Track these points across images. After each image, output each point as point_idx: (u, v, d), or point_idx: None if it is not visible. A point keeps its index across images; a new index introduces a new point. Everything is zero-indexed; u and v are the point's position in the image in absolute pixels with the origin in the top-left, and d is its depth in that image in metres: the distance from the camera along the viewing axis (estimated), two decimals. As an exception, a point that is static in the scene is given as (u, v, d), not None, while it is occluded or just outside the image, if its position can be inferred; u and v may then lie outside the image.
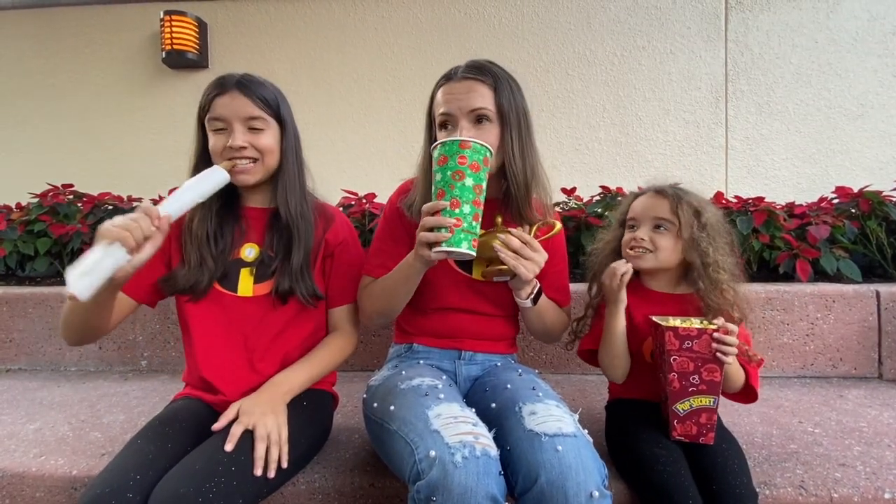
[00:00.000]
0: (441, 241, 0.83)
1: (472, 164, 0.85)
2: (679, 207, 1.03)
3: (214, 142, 0.99)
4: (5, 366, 1.81)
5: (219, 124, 0.99)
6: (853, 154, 2.66)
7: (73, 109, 2.99)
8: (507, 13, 2.80)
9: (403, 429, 0.83)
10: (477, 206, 0.86)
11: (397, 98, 2.86)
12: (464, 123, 0.97)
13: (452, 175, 0.85)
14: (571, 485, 0.72)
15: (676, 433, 0.94)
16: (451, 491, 0.70)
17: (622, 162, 2.75)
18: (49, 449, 1.12)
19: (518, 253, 0.92)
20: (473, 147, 0.85)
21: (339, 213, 1.16)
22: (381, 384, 1.00)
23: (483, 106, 0.97)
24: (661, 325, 0.93)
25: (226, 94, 0.98)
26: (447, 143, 0.86)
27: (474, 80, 0.98)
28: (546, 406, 0.87)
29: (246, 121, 0.98)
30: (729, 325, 0.91)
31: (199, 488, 0.75)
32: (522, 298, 1.01)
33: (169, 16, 2.76)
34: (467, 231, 0.84)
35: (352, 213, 2.01)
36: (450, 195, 0.84)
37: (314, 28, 2.88)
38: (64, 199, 2.16)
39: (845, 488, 0.94)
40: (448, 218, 0.83)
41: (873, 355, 1.60)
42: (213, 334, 1.02)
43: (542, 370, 1.67)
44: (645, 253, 1.04)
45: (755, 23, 2.68)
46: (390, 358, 1.17)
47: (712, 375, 0.91)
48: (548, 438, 0.78)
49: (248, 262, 1.05)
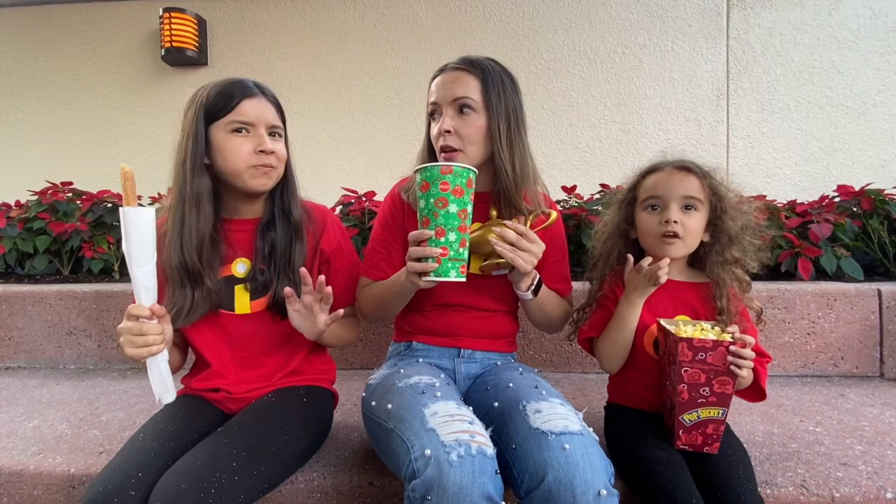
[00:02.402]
0: (429, 271, 0.85)
1: (455, 189, 0.84)
2: (712, 184, 0.97)
3: (237, 144, 0.94)
4: (4, 363, 1.80)
5: (244, 127, 0.95)
6: (855, 152, 2.65)
7: (72, 107, 2.99)
8: (507, 10, 2.79)
9: (400, 427, 0.82)
10: (463, 232, 0.87)
11: (397, 95, 2.85)
12: (447, 111, 0.99)
13: (436, 202, 0.84)
14: (579, 483, 0.72)
15: (681, 442, 0.90)
16: (446, 490, 0.69)
17: (623, 160, 2.74)
18: (47, 447, 1.12)
19: (514, 245, 0.91)
20: (455, 171, 0.84)
21: (330, 214, 1.14)
22: (380, 382, 1.00)
23: (466, 95, 0.98)
24: (672, 333, 0.88)
25: (254, 98, 0.96)
26: (428, 169, 0.85)
27: (462, 71, 1.00)
28: (550, 404, 0.86)
29: (269, 127, 0.98)
30: (746, 338, 0.86)
31: (200, 484, 0.75)
32: (522, 290, 1.00)
33: (168, 13, 2.75)
34: (454, 259, 0.85)
35: (351, 210, 2.00)
36: (434, 224, 0.85)
37: (313, 25, 2.88)
38: (63, 196, 2.16)
39: (847, 487, 0.93)
40: (434, 248, 0.84)
41: (875, 354, 1.59)
42: (216, 352, 1.03)
43: (541, 369, 1.67)
44: (673, 239, 0.95)
45: (757, 20, 2.67)
46: (389, 356, 1.17)
47: (724, 388, 0.87)
48: (554, 437, 0.77)
49: (241, 277, 1.02)
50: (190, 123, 0.95)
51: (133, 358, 0.83)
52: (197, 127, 0.94)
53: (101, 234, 2.05)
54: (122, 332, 0.83)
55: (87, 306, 1.77)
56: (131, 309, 0.83)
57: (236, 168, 0.95)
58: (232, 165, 0.95)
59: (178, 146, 0.97)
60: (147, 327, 0.83)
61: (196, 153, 0.94)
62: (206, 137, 0.95)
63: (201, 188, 0.95)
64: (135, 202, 0.80)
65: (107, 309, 1.77)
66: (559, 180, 2.41)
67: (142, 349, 0.83)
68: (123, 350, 0.83)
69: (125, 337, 0.83)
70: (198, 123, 0.94)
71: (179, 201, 0.96)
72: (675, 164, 1.00)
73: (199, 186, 0.95)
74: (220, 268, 1.01)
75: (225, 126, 0.95)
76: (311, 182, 1.13)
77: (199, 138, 0.94)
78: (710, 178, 0.98)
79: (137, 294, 0.83)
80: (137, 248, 0.81)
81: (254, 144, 0.95)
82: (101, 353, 1.79)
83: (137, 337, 0.83)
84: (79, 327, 1.78)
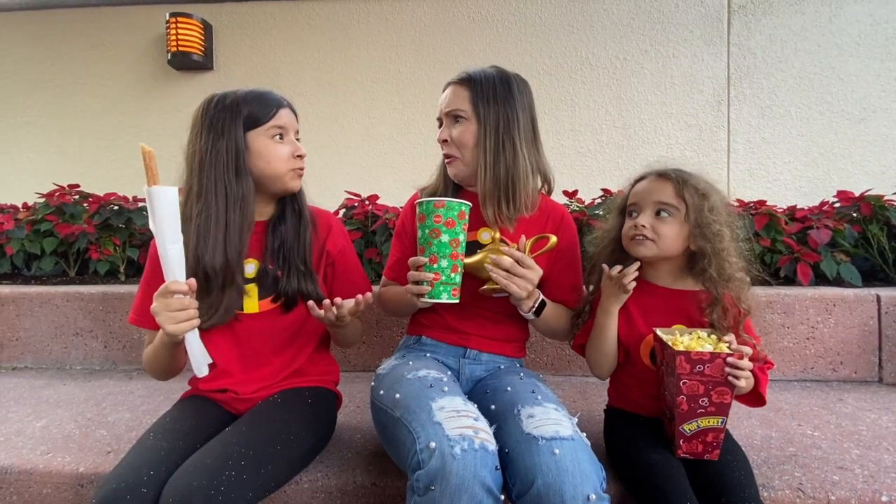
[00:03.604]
0: (423, 294, 0.94)
1: (447, 222, 0.94)
2: (684, 190, 0.96)
3: (279, 149, 1.01)
4: (12, 364, 1.83)
5: (281, 133, 1.02)
6: (855, 158, 2.66)
7: (79, 110, 3.02)
8: (510, 16, 2.82)
9: (407, 417, 0.85)
10: (454, 259, 0.96)
11: (400, 100, 2.87)
12: (446, 122, 1.11)
13: (430, 233, 0.94)
14: (568, 488, 0.73)
15: (682, 451, 0.90)
16: (448, 481, 0.72)
17: (624, 165, 2.76)
18: (56, 446, 1.14)
19: (509, 271, 0.95)
20: (448, 205, 0.93)
21: (334, 218, 1.18)
22: (389, 373, 1.02)
23: (457, 107, 1.08)
24: (670, 346, 0.88)
25: (285, 108, 1.04)
26: (423, 203, 0.95)
27: (456, 85, 1.10)
28: (545, 409, 0.88)
29: (296, 133, 1.06)
30: (743, 348, 0.87)
31: (210, 481, 0.77)
32: (525, 311, 1.03)
33: (174, 18, 2.78)
34: (446, 283, 0.95)
35: (355, 214, 2.02)
36: (429, 252, 0.94)
37: (318, 30, 2.91)
38: (70, 199, 2.18)
39: (843, 491, 0.94)
40: (428, 273, 0.94)
41: (873, 359, 1.60)
42: (223, 352, 1.04)
43: (543, 372, 1.68)
44: (645, 241, 0.97)
45: (757, 26, 2.69)
46: (399, 347, 1.21)
47: (722, 398, 0.87)
48: (545, 442, 0.79)
49: (250, 277, 1.05)
50: (226, 129, 0.97)
51: (174, 334, 0.85)
52: (236, 133, 0.98)
53: (107, 236, 2.07)
54: (161, 310, 0.84)
55: (93, 307, 1.79)
56: (170, 285, 0.84)
57: (278, 171, 1.01)
58: (275, 168, 1.01)
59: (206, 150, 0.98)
60: (188, 301, 0.86)
61: (239, 157, 0.98)
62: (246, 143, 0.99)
63: (247, 190, 0.99)
64: (158, 180, 0.83)
65: (113, 310, 1.79)
66: (561, 185, 2.39)
67: (184, 323, 0.85)
68: (164, 328, 0.84)
69: (165, 314, 0.84)
70: (237, 130, 0.98)
71: (221, 203, 0.97)
72: (657, 172, 1.02)
73: (246, 188, 0.99)
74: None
75: (265, 132, 1.00)
76: (315, 186, 1.15)
77: (239, 143, 0.98)
78: (685, 185, 0.97)
79: (171, 270, 0.85)
80: (168, 225, 0.83)
81: (291, 149, 1.03)
82: (107, 354, 1.81)
83: (179, 312, 0.84)
84: (85, 328, 1.80)
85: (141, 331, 1.78)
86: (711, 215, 0.95)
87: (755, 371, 0.93)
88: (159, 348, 0.95)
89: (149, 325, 1.01)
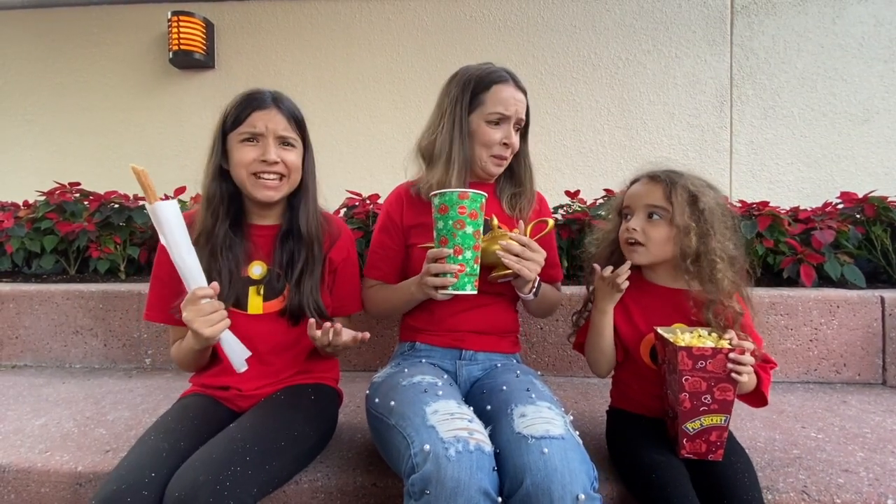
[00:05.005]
0: (447, 286, 0.93)
1: (472, 213, 0.93)
2: (673, 193, 0.96)
3: (244, 153, 0.99)
4: (11, 362, 1.82)
5: (251, 137, 1.00)
6: (858, 159, 2.65)
7: (80, 108, 3.02)
8: (512, 16, 2.81)
9: (401, 423, 0.84)
10: (477, 250, 0.96)
11: (402, 99, 2.87)
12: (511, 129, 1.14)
13: (454, 224, 0.93)
14: (556, 487, 0.72)
15: (685, 451, 0.90)
16: (443, 484, 0.71)
17: (626, 165, 2.75)
18: (54, 445, 1.13)
19: (520, 256, 0.97)
20: (472, 197, 0.93)
21: (344, 226, 1.18)
22: (384, 381, 1.02)
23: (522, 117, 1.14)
24: (671, 343, 0.88)
25: (264, 110, 1.00)
26: (447, 194, 0.93)
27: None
28: (537, 408, 0.87)
29: (279, 138, 1.01)
30: (745, 344, 0.87)
31: (216, 476, 0.77)
32: (525, 293, 1.05)
33: (176, 16, 2.78)
34: (470, 275, 0.94)
35: (356, 213, 2.01)
36: (452, 243, 0.93)
37: (320, 29, 2.90)
38: (71, 197, 2.18)
39: (848, 494, 0.93)
40: (453, 265, 0.93)
41: (877, 361, 1.59)
42: None
43: (544, 372, 1.67)
44: (637, 247, 0.99)
45: (761, 27, 2.68)
46: (394, 356, 1.19)
47: (725, 395, 0.86)
48: (534, 441, 0.78)
49: (256, 279, 1.05)
50: (215, 131, 1.03)
51: (212, 337, 0.87)
52: (218, 135, 1.03)
53: (107, 234, 2.07)
54: (194, 317, 0.86)
55: (93, 306, 1.79)
56: (198, 292, 0.86)
57: (239, 176, 1.01)
58: (237, 173, 1.02)
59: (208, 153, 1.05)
60: (218, 303, 0.89)
61: (213, 167, 1.02)
62: (224, 146, 1.02)
63: (214, 191, 1.02)
64: (156, 196, 0.84)
65: (113, 309, 1.79)
66: (563, 185, 2.43)
67: (219, 325, 0.88)
68: (202, 333, 0.86)
69: (199, 320, 0.86)
70: (220, 132, 1.02)
71: (204, 206, 1.03)
72: (648, 174, 1.03)
73: (214, 189, 1.02)
74: (240, 268, 1.04)
75: (237, 136, 1.01)
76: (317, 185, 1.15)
77: (215, 152, 1.02)
78: (674, 187, 0.97)
79: (192, 279, 0.87)
80: (179, 237, 0.85)
81: (256, 154, 0.99)
82: (107, 353, 1.80)
83: (212, 315, 0.87)
84: (85, 327, 1.80)
85: (139, 329, 1.78)
86: (698, 218, 0.95)
87: (757, 370, 0.93)
88: (196, 352, 0.98)
89: (165, 320, 1.03)
